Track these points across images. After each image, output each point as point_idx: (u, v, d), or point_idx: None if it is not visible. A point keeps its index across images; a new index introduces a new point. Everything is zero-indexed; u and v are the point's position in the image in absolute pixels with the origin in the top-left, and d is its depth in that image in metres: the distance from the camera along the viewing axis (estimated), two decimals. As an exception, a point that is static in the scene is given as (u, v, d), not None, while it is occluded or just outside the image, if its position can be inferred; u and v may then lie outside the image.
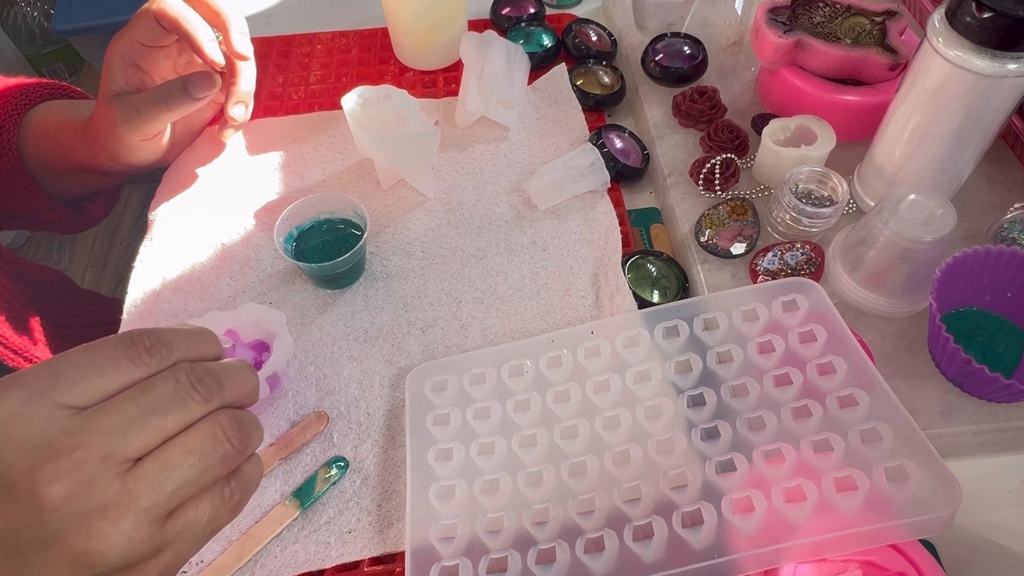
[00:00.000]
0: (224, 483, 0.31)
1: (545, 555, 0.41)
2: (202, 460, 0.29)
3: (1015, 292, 0.50)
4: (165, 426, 0.29)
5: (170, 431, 0.29)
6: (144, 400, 0.29)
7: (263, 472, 0.33)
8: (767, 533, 0.40)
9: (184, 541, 0.29)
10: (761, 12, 0.61)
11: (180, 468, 0.29)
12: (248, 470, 0.32)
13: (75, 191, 0.67)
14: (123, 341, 0.29)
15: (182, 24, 0.55)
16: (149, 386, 0.29)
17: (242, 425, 0.31)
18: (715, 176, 0.60)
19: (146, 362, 0.29)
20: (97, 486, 0.27)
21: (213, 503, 0.30)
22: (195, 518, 0.29)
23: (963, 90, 0.46)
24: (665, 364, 0.49)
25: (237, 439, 0.30)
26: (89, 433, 0.27)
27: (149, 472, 0.28)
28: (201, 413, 0.30)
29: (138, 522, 0.27)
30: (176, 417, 0.29)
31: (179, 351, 0.31)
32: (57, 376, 0.28)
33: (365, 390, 0.53)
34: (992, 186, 0.60)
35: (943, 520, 0.39)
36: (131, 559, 0.28)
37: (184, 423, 0.29)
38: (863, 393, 0.44)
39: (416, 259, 0.60)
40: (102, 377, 0.28)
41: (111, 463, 0.27)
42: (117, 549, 0.27)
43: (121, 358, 0.29)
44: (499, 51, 0.67)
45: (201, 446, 0.29)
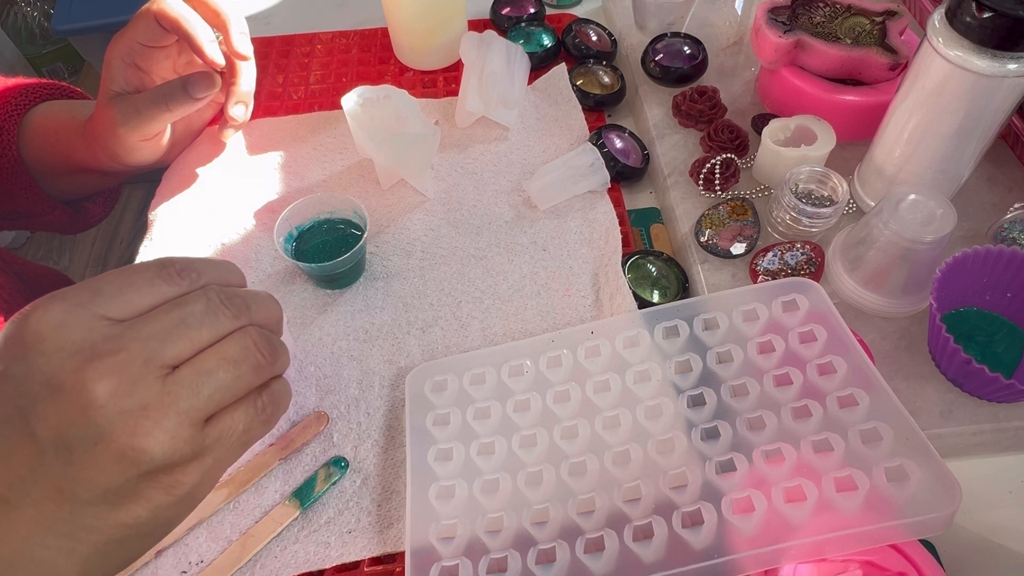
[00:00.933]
0: (256, 395, 0.33)
1: (545, 555, 0.41)
2: (235, 367, 0.31)
3: (1015, 292, 0.50)
4: (200, 337, 0.31)
5: (204, 342, 0.31)
6: (179, 313, 0.31)
7: (291, 394, 0.35)
8: (767, 533, 0.40)
9: (222, 448, 0.31)
10: (761, 12, 0.61)
11: (216, 374, 0.31)
12: (278, 388, 0.34)
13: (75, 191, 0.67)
14: (155, 264, 0.32)
15: (182, 24, 0.55)
16: (182, 302, 0.31)
17: (271, 340, 0.33)
18: (715, 176, 0.60)
19: (177, 283, 0.32)
20: (140, 386, 0.29)
21: (247, 413, 0.32)
22: (231, 426, 0.32)
23: (963, 90, 0.46)
24: (665, 364, 0.49)
25: (267, 351, 0.33)
26: (130, 339, 0.29)
27: (187, 376, 0.30)
28: (231, 328, 0.32)
29: (179, 422, 0.29)
30: (209, 330, 0.31)
31: (208, 276, 0.33)
32: (96, 292, 0.30)
33: (365, 390, 0.53)
34: (992, 186, 0.60)
35: (943, 520, 0.39)
36: (173, 458, 0.29)
37: (216, 336, 0.31)
38: (863, 393, 0.44)
39: (416, 259, 0.60)
40: (137, 293, 0.31)
41: (151, 366, 0.29)
42: (161, 446, 0.29)
43: (154, 278, 0.31)
44: (499, 51, 0.67)
45: (235, 354, 0.31)
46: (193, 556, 0.46)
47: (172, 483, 0.30)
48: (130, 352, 0.29)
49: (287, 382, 0.35)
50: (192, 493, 0.31)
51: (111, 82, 0.57)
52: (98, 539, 0.30)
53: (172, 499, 0.30)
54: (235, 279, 0.35)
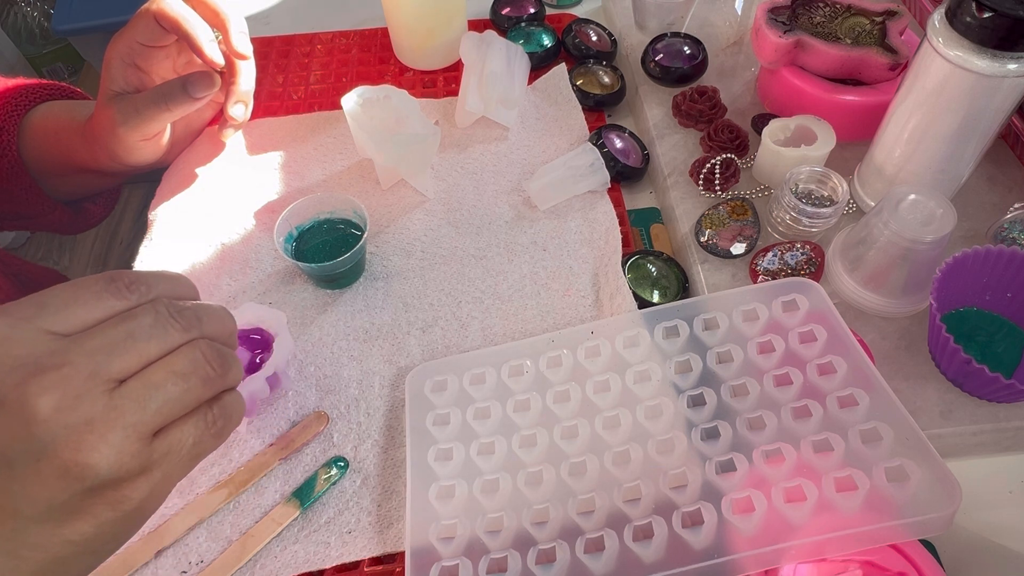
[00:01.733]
0: (207, 408, 0.32)
1: (545, 555, 0.41)
2: (184, 380, 0.30)
3: (1015, 292, 0.50)
4: (147, 350, 0.30)
5: (152, 356, 0.30)
6: (126, 327, 0.30)
7: (244, 407, 0.35)
8: (767, 533, 0.40)
9: (170, 462, 0.31)
10: (761, 12, 0.61)
11: (163, 387, 0.30)
12: (229, 400, 0.33)
13: (75, 192, 0.67)
14: (104, 278, 0.31)
15: (182, 24, 0.55)
16: (130, 316, 0.30)
17: (221, 353, 0.32)
18: (715, 176, 0.60)
19: (126, 296, 0.31)
20: (84, 400, 0.28)
21: (197, 426, 0.31)
22: (180, 439, 0.31)
23: (963, 90, 0.46)
24: (665, 364, 0.49)
25: (217, 363, 0.32)
26: (75, 353, 0.29)
27: (134, 390, 0.29)
28: (181, 341, 0.31)
29: (126, 436, 0.29)
30: (158, 343, 0.30)
31: (157, 289, 0.32)
32: (41, 306, 0.29)
33: (365, 390, 0.53)
34: (992, 186, 0.60)
35: (943, 520, 0.39)
36: (120, 474, 0.29)
37: (165, 349, 0.31)
38: (863, 393, 0.44)
39: (416, 259, 0.60)
40: (83, 307, 0.30)
41: (97, 380, 0.28)
42: (106, 462, 0.28)
43: (102, 292, 0.31)
44: (499, 51, 0.67)
45: (183, 367, 0.31)
46: (193, 556, 0.46)
47: (118, 498, 0.29)
48: (74, 366, 0.28)
49: (240, 395, 0.34)
50: (139, 508, 0.30)
51: (111, 82, 0.57)
52: (42, 557, 0.29)
53: (118, 515, 0.30)
54: (186, 292, 0.34)
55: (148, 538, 0.46)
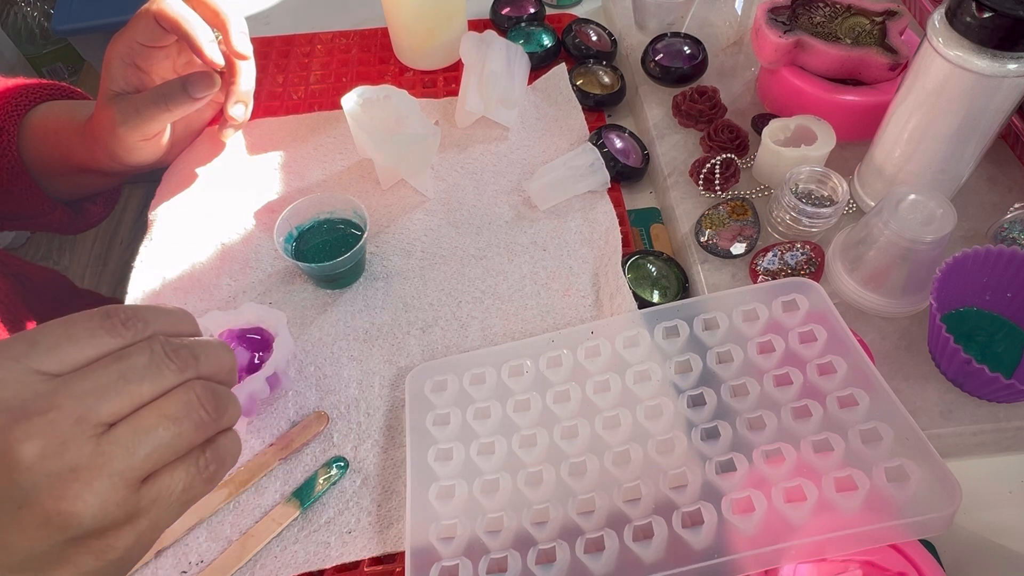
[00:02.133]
0: (199, 452, 0.31)
1: (545, 555, 0.41)
2: (176, 425, 0.29)
3: (1015, 292, 0.50)
4: (140, 392, 0.29)
5: (144, 398, 0.29)
6: (118, 367, 0.29)
7: (240, 448, 0.34)
8: (767, 533, 0.40)
9: (159, 509, 0.30)
10: (761, 12, 0.61)
11: (154, 432, 0.29)
12: (224, 443, 0.32)
13: (75, 192, 0.67)
14: (99, 314, 0.30)
15: (181, 25, 0.55)
16: (124, 355, 0.29)
17: (217, 395, 0.31)
18: (715, 176, 0.60)
19: (121, 333, 0.30)
20: (71, 447, 0.27)
21: (188, 472, 0.30)
22: (170, 486, 0.30)
23: (963, 90, 0.46)
24: (665, 364, 0.49)
25: (211, 407, 0.31)
26: (63, 396, 0.28)
27: (123, 435, 0.28)
28: (175, 382, 0.30)
29: (112, 484, 0.28)
30: (151, 385, 0.29)
31: (155, 325, 0.31)
32: (31, 344, 0.28)
33: (365, 390, 0.53)
34: (992, 186, 0.60)
35: (943, 520, 0.39)
36: (105, 523, 0.28)
37: (158, 391, 0.30)
38: (863, 393, 0.44)
39: (416, 259, 0.60)
40: (76, 346, 0.29)
41: (85, 425, 0.27)
42: (90, 511, 0.27)
43: (97, 329, 0.29)
44: (499, 51, 0.67)
45: (175, 411, 0.29)
46: (193, 556, 0.46)
47: (103, 548, 0.28)
48: (62, 411, 0.27)
49: (236, 435, 0.33)
50: (124, 557, 0.29)
51: (111, 82, 0.57)
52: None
53: (102, 564, 0.29)
54: (186, 328, 0.33)
55: (148, 538, 0.46)
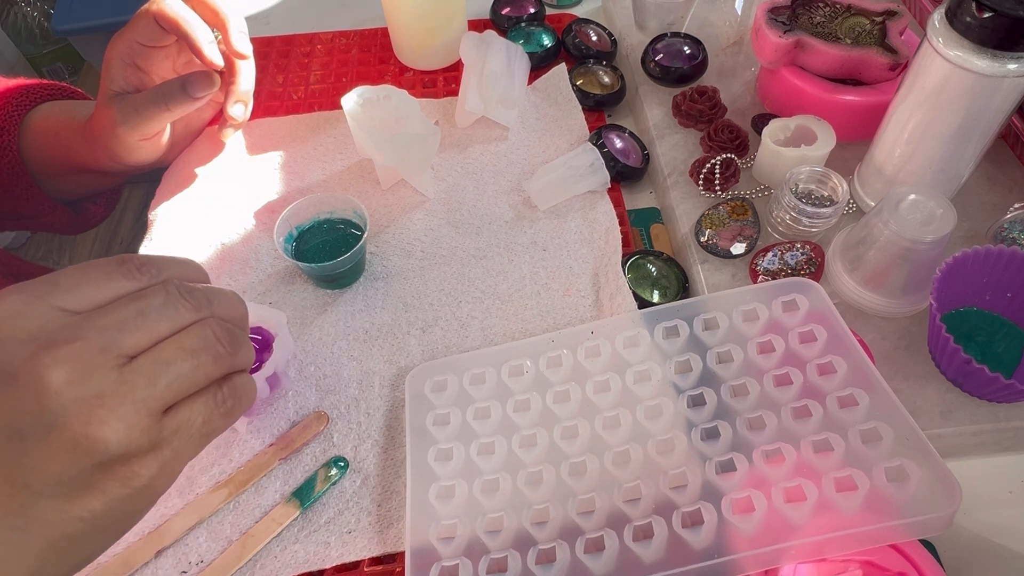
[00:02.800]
0: (217, 387, 0.32)
1: (545, 555, 0.41)
2: (194, 357, 0.31)
3: (1015, 292, 0.50)
4: (158, 328, 0.31)
5: (163, 334, 0.31)
6: (137, 305, 0.30)
7: (255, 390, 0.35)
8: (767, 533, 0.40)
9: (180, 440, 0.31)
10: (761, 12, 0.61)
11: (174, 363, 0.30)
12: (240, 382, 0.34)
13: (76, 192, 0.67)
14: (115, 260, 0.32)
15: (181, 25, 0.55)
16: (141, 295, 0.31)
17: (232, 332, 0.33)
18: (715, 176, 0.60)
19: (136, 277, 0.32)
20: (95, 374, 0.28)
21: (207, 404, 0.32)
22: (190, 417, 0.31)
23: (963, 90, 0.46)
24: (665, 364, 0.49)
25: (227, 341, 0.32)
26: (86, 329, 0.29)
27: (144, 365, 0.30)
28: (191, 320, 0.32)
29: (136, 411, 0.29)
30: (168, 322, 0.31)
31: (168, 272, 0.33)
32: (54, 285, 0.30)
33: (365, 390, 0.53)
34: (992, 186, 0.60)
35: (943, 520, 0.39)
36: (130, 448, 0.29)
37: (175, 327, 0.31)
38: (863, 393, 0.44)
39: (416, 259, 0.60)
40: (95, 287, 0.31)
41: (108, 355, 0.29)
42: (116, 436, 0.28)
43: (113, 272, 0.31)
44: (499, 51, 0.67)
45: (193, 344, 0.31)
46: (193, 556, 0.46)
47: (128, 475, 0.29)
48: (86, 341, 0.29)
49: (251, 378, 0.35)
50: (150, 486, 0.30)
51: (111, 82, 0.57)
52: (52, 533, 0.29)
53: (129, 492, 0.30)
54: (197, 276, 0.35)
55: (148, 538, 0.46)
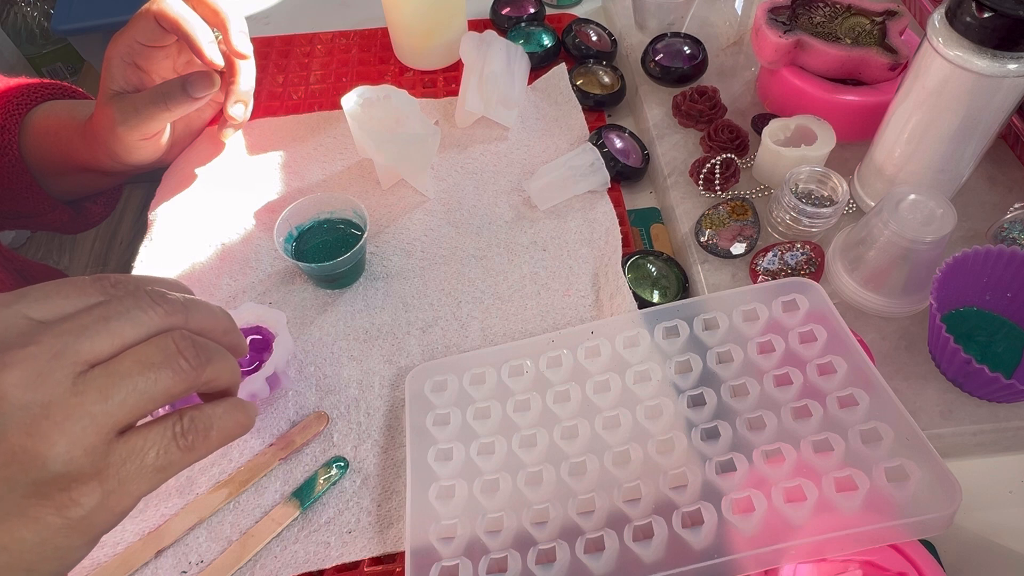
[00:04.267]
0: (177, 417, 0.30)
1: (545, 555, 0.41)
2: (151, 370, 0.28)
3: (1015, 292, 0.50)
4: (122, 333, 0.28)
5: (128, 340, 0.29)
6: (101, 310, 0.29)
7: (232, 425, 0.31)
8: (767, 533, 0.40)
9: (128, 471, 0.28)
10: (761, 12, 0.61)
11: (128, 377, 0.28)
12: (211, 412, 0.31)
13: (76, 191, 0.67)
14: (91, 276, 0.31)
15: (182, 25, 0.55)
16: (109, 301, 0.29)
17: (199, 346, 0.30)
18: (715, 176, 0.60)
19: (109, 292, 0.30)
20: (46, 381, 0.27)
21: (163, 435, 0.29)
22: (142, 447, 0.28)
23: (963, 90, 0.46)
24: (665, 364, 0.49)
25: (191, 355, 0.29)
26: (45, 334, 0.27)
27: (97, 377, 0.27)
28: (160, 327, 0.29)
29: (83, 428, 0.27)
30: (134, 327, 0.29)
31: (145, 286, 0.31)
32: (22, 295, 0.29)
33: (365, 390, 0.53)
34: (992, 186, 0.60)
35: (943, 520, 0.39)
36: (70, 470, 0.27)
37: (142, 335, 0.29)
38: (863, 393, 0.44)
39: (416, 259, 0.60)
40: (65, 298, 0.29)
41: (63, 361, 0.27)
42: (57, 453, 0.26)
43: (87, 286, 0.30)
44: (499, 51, 0.67)
45: (152, 356, 0.28)
46: (193, 556, 0.46)
47: (66, 501, 0.27)
48: (40, 345, 0.27)
49: (232, 407, 0.31)
50: (88, 519, 0.27)
51: (111, 81, 0.57)
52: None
53: (64, 521, 0.27)
54: (178, 291, 0.32)
55: (148, 538, 0.46)
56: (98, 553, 0.46)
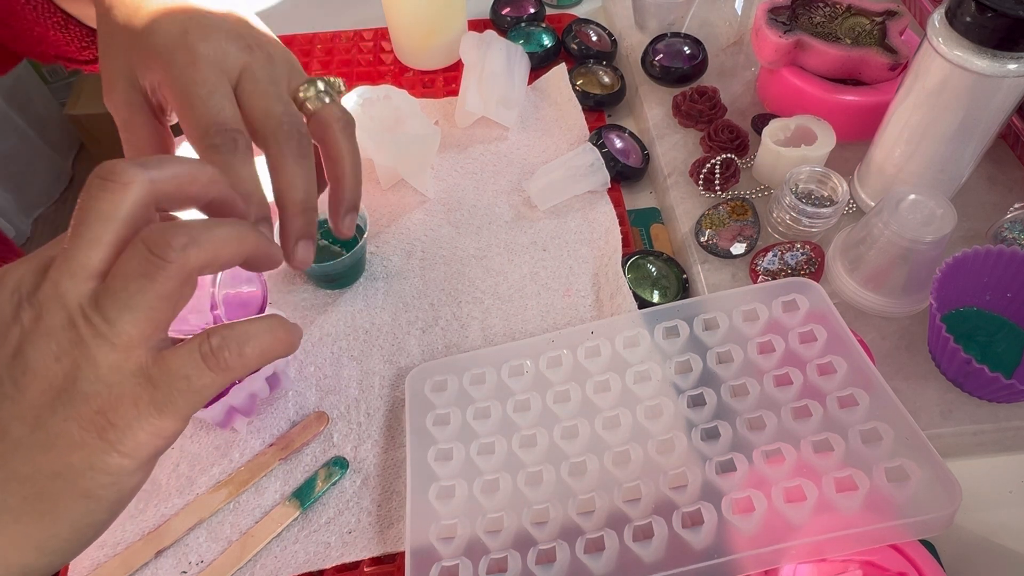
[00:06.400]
0: (204, 338, 0.28)
1: (545, 555, 0.41)
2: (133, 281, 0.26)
3: (1015, 292, 0.50)
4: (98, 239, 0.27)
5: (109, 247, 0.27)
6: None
7: (276, 339, 0.29)
8: (767, 533, 0.40)
9: (167, 391, 0.27)
10: (761, 12, 0.61)
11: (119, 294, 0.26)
12: (245, 330, 0.28)
13: None
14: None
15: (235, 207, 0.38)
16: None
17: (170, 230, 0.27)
18: (715, 176, 0.60)
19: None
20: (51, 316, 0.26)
21: (192, 356, 0.28)
22: (176, 368, 0.27)
23: (963, 90, 0.46)
24: (665, 364, 0.49)
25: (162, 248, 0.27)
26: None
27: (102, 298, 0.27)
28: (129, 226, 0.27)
29: (105, 353, 0.26)
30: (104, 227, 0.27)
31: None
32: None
33: (365, 390, 0.53)
34: (992, 186, 0.60)
35: (943, 520, 0.39)
36: (100, 390, 0.26)
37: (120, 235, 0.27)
38: (863, 393, 0.44)
39: (416, 259, 0.60)
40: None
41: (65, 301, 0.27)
42: (86, 374, 0.26)
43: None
44: (499, 51, 0.67)
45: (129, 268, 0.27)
46: (193, 556, 0.46)
47: (104, 424, 0.26)
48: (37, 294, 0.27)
49: (271, 327, 0.29)
50: (132, 442, 0.27)
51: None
52: (29, 491, 0.26)
53: (106, 445, 0.26)
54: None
55: (148, 538, 0.46)
56: (98, 553, 0.46)
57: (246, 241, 0.30)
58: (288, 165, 0.38)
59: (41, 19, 0.51)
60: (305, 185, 0.38)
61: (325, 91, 0.40)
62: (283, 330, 0.30)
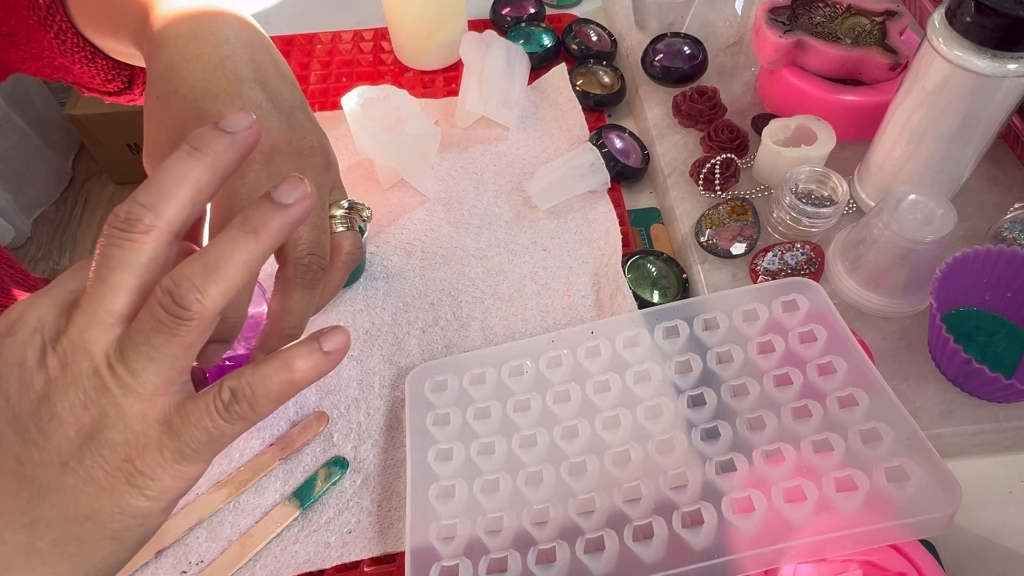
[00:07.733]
0: (216, 392, 0.28)
1: (545, 555, 0.41)
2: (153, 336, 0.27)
3: (1015, 292, 0.50)
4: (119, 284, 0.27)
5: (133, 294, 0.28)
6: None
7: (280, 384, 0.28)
8: (767, 533, 0.40)
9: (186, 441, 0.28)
10: (761, 12, 0.61)
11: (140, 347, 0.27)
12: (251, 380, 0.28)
13: None
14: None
15: None
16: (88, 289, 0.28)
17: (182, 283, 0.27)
18: (715, 176, 0.60)
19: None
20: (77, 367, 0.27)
21: (208, 410, 0.28)
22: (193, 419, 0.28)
23: (963, 90, 0.46)
24: (665, 364, 0.49)
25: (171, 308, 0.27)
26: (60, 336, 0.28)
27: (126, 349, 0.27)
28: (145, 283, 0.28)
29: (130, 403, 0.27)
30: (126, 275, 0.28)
31: None
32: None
33: (365, 390, 0.53)
34: (992, 186, 0.60)
35: (943, 520, 0.39)
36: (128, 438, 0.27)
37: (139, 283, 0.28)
38: (863, 393, 0.44)
39: (416, 259, 0.60)
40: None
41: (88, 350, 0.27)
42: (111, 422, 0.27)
43: None
44: (499, 51, 0.67)
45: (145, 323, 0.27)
46: (193, 556, 0.46)
47: (131, 471, 0.27)
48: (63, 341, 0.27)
49: (276, 369, 0.28)
50: (157, 486, 0.28)
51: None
52: (56, 534, 0.27)
53: (134, 490, 0.27)
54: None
55: (148, 538, 0.46)
56: (98, 553, 0.46)
57: (253, 261, 0.30)
58: (295, 291, 0.38)
59: (68, 52, 0.51)
60: (301, 315, 0.39)
61: (351, 217, 0.41)
62: (287, 371, 0.29)
